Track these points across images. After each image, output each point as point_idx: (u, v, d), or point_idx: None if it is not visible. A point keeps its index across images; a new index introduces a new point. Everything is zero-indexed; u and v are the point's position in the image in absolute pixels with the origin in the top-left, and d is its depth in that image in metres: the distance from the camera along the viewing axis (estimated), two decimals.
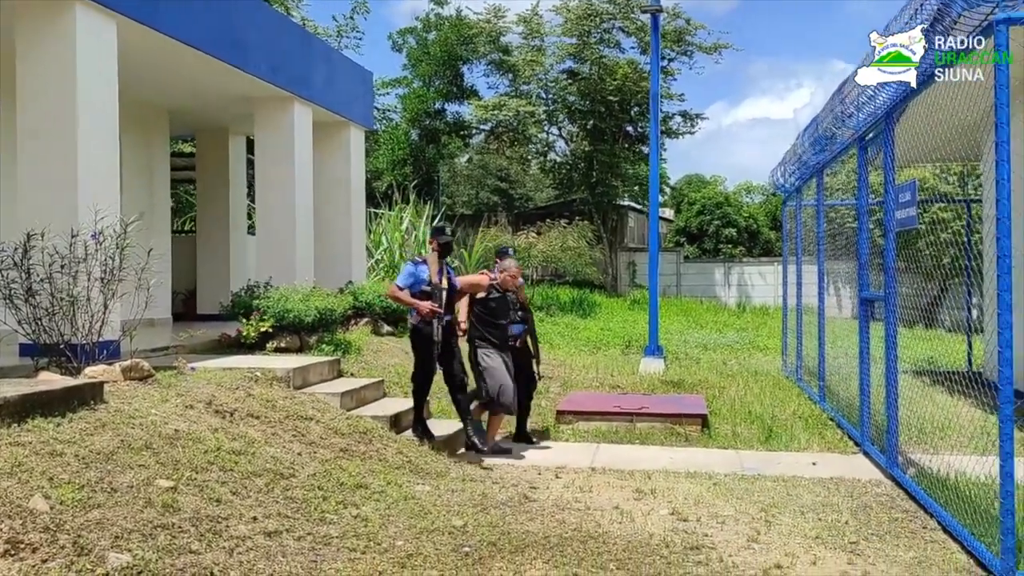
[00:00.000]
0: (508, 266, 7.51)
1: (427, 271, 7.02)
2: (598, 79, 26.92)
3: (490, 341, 7.32)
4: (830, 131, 8.43)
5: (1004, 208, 4.31)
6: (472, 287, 7.45)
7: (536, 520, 5.32)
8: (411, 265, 7.16)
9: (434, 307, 6.89)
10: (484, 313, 7.38)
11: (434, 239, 7.21)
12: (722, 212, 29.63)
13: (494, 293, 7.40)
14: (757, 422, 8.49)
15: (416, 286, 7.02)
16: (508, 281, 7.46)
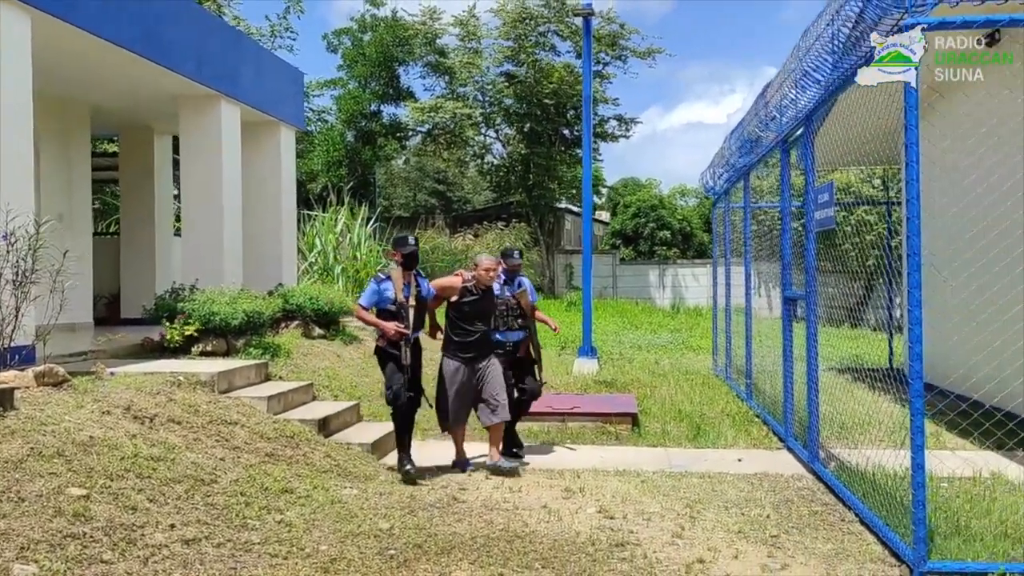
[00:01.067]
0: (480, 260, 6.82)
1: (391, 288, 6.49)
2: (534, 82, 27.07)
3: (455, 350, 6.75)
4: (755, 134, 8.62)
5: (913, 208, 4.45)
6: (444, 290, 6.82)
7: (464, 521, 5.30)
8: (374, 282, 6.61)
9: (400, 328, 6.39)
10: (455, 318, 6.78)
11: (397, 251, 6.61)
12: (657, 215, 30.02)
13: (468, 295, 6.71)
14: (686, 420, 8.62)
15: (381, 304, 6.54)
16: (483, 277, 6.72)
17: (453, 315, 6.80)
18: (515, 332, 7.18)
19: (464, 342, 6.73)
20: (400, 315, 6.44)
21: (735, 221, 11.38)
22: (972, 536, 4.78)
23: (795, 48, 6.63)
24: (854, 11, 5.20)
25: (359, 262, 17.83)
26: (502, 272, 7.15)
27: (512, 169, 29.01)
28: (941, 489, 5.75)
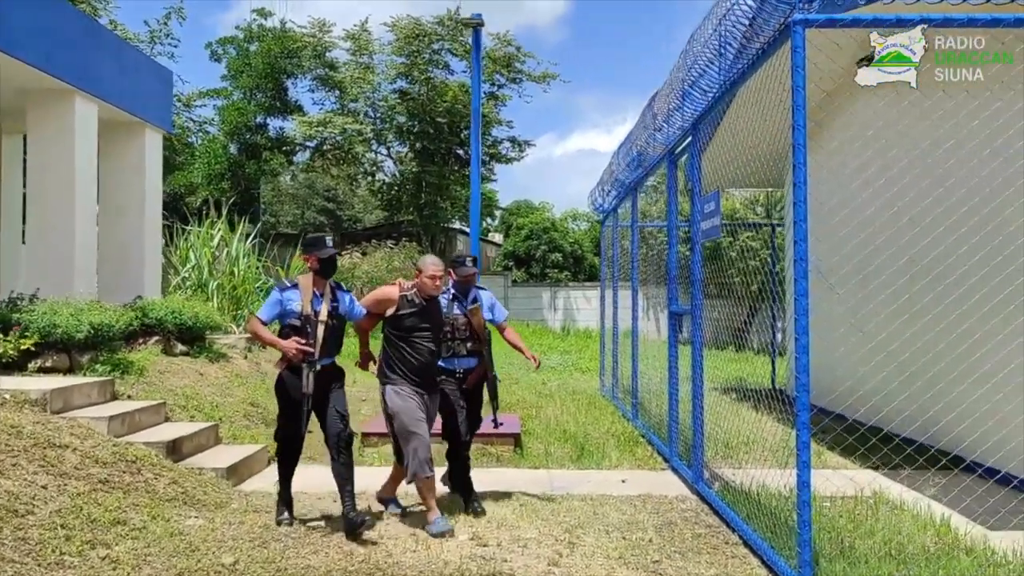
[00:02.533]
0: (425, 264, 5.51)
1: (298, 298, 5.25)
2: (428, 100, 26.68)
3: (403, 375, 5.45)
4: (642, 148, 8.46)
5: (800, 211, 4.24)
6: (379, 304, 5.57)
7: (321, 553, 4.76)
8: (277, 291, 5.31)
9: (301, 346, 5.14)
10: (395, 337, 5.50)
11: (311, 254, 5.32)
12: (549, 237, 30.02)
13: (407, 307, 5.47)
14: (571, 441, 8.29)
15: (285, 318, 5.28)
16: (426, 286, 5.46)
17: (392, 334, 5.51)
18: (464, 359, 5.86)
19: (413, 365, 5.44)
20: (306, 331, 5.19)
21: (624, 244, 11.22)
22: (857, 558, 4.58)
23: (682, 53, 6.46)
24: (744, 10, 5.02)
25: (236, 278, 16.93)
26: (451, 284, 5.91)
27: (403, 187, 28.46)
28: (824, 509, 5.58)
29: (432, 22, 26.30)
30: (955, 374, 6.69)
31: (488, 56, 27.18)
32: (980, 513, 5.47)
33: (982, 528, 5.20)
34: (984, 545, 4.81)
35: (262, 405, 8.65)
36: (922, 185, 7.25)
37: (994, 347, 6.31)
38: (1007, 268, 6.11)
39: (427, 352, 5.49)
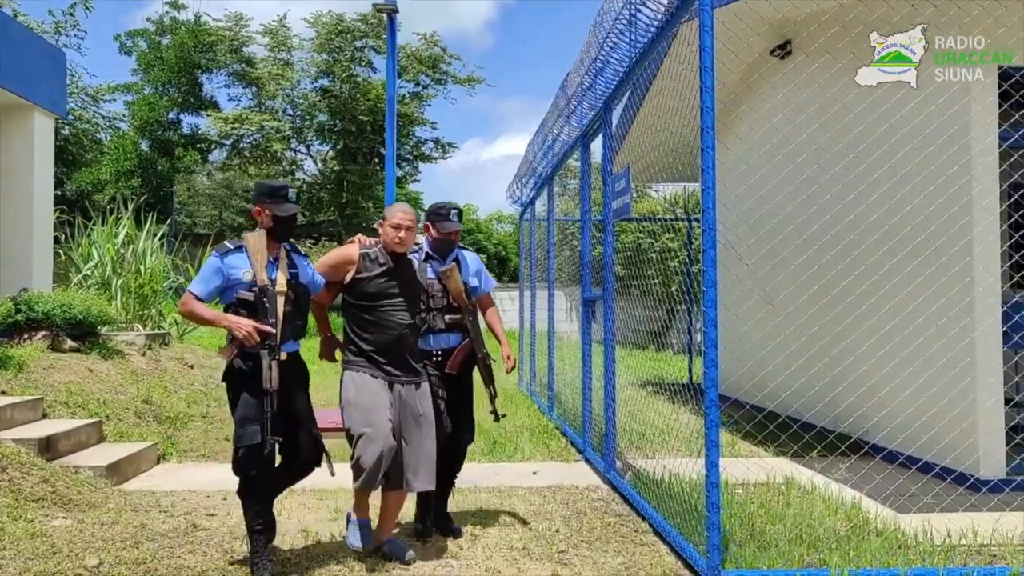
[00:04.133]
0: (392, 212, 4.31)
1: (246, 263, 3.99)
2: (350, 98, 26.19)
3: (364, 356, 4.25)
4: (556, 131, 8.27)
5: (709, 198, 4.03)
6: (335, 268, 4.32)
7: (199, 553, 4.38)
8: (216, 256, 4.01)
9: (259, 326, 3.88)
10: (356, 305, 4.28)
11: (263, 206, 4.08)
12: (474, 239, 29.80)
13: (371, 268, 4.25)
14: (484, 435, 7.99)
15: (230, 292, 4.00)
16: (388, 237, 4.26)
17: (353, 304, 4.30)
18: (441, 335, 4.55)
19: (381, 342, 4.22)
20: (261, 306, 3.94)
21: (542, 240, 11.02)
22: (767, 542, 4.42)
23: (592, 27, 6.27)
24: None
25: (143, 276, 16.20)
26: (427, 241, 4.63)
27: (324, 187, 27.84)
28: (736, 495, 5.42)
29: (355, 19, 25.83)
30: (854, 360, 6.66)
31: (414, 56, 26.86)
32: (888, 495, 5.40)
33: (891, 510, 5.12)
34: (894, 527, 4.71)
35: (156, 403, 8.13)
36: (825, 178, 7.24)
37: (893, 331, 6.30)
38: (902, 251, 6.10)
39: (399, 326, 4.22)
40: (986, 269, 5.74)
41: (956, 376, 5.80)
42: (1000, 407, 5.73)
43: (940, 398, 5.88)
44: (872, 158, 6.59)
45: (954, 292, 5.85)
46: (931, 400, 5.96)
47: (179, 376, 9.52)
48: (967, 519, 4.78)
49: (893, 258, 6.33)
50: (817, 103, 7.34)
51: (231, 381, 4.04)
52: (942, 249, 5.89)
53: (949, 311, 5.87)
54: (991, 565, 4.09)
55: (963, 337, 5.78)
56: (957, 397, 5.79)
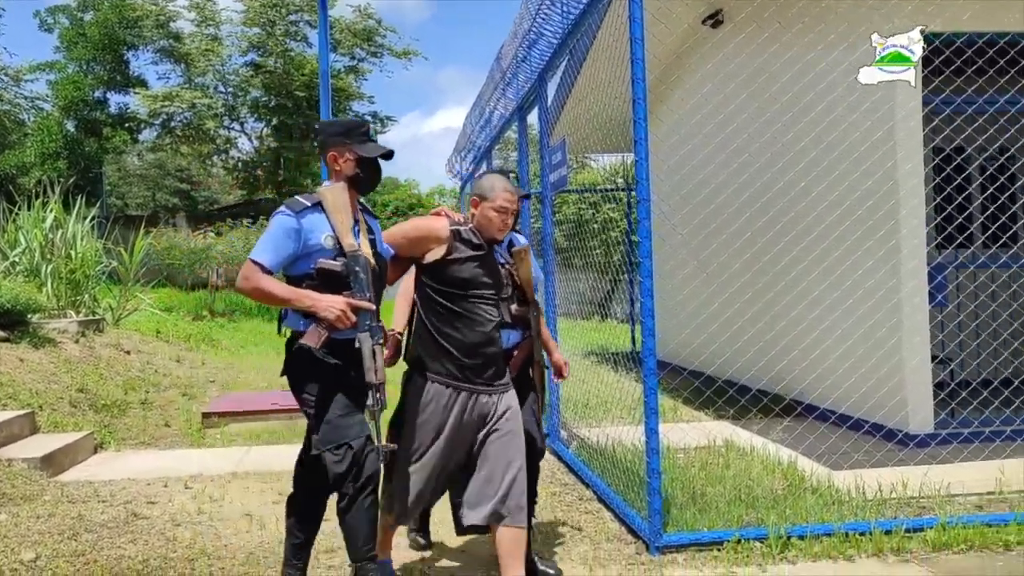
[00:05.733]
0: (494, 189, 3.41)
1: (326, 226, 3.10)
2: (285, 74, 25.66)
3: (444, 360, 3.33)
4: (493, 104, 8.23)
5: (643, 189, 4.06)
6: (416, 242, 3.38)
7: (139, 542, 4.31)
8: (288, 215, 3.05)
9: (354, 302, 3.03)
10: (439, 294, 3.35)
11: (343, 146, 3.19)
12: (415, 214, 29.63)
13: (462, 249, 3.36)
14: None
15: (305, 262, 3.09)
16: (492, 222, 3.41)
17: (434, 291, 3.37)
18: (508, 330, 3.65)
19: (467, 341, 3.34)
20: (352, 278, 3.07)
21: None
22: (707, 504, 4.53)
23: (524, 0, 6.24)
24: None
25: (74, 261, 15.74)
26: None
27: (261, 165, 27.32)
28: (677, 459, 5.54)
29: None
30: (787, 324, 6.84)
31: (348, 29, 26.41)
32: (822, 453, 5.57)
33: (826, 468, 5.28)
34: (828, 484, 4.87)
35: (92, 391, 7.94)
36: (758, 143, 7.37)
37: (823, 295, 6.46)
38: (830, 217, 6.25)
39: (489, 321, 3.37)
40: (911, 232, 5.91)
41: (884, 336, 5.99)
42: (926, 365, 5.94)
43: (869, 358, 6.07)
44: (799, 126, 6.71)
45: (881, 255, 6.02)
46: (861, 360, 6.15)
47: (115, 363, 9.30)
48: (897, 473, 4.97)
49: (821, 224, 6.49)
50: (745, 73, 7.44)
51: (309, 372, 3.09)
52: (868, 214, 6.05)
53: (876, 274, 6.05)
54: (919, 516, 4.26)
55: (890, 298, 5.96)
56: (885, 356, 5.98)
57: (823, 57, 6.27)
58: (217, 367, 10.97)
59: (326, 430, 3.05)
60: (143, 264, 17.24)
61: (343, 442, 3.02)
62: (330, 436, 3.04)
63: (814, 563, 3.81)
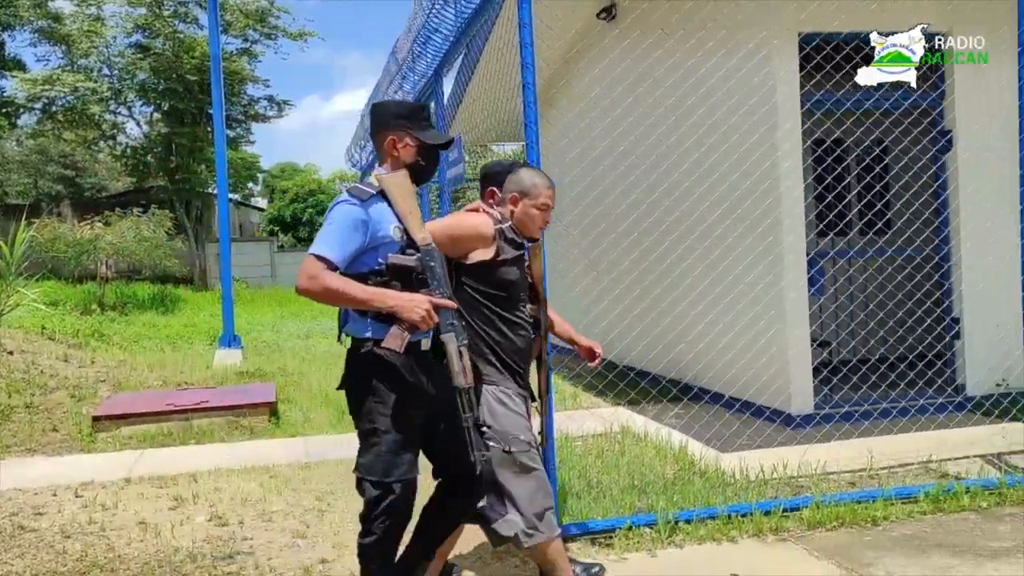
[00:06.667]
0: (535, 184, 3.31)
1: (390, 214, 2.87)
2: (174, 56, 24.72)
3: (500, 364, 3.26)
4: (390, 96, 8.19)
5: (532, 153, 4.18)
6: (457, 243, 3.20)
7: (27, 556, 4.18)
8: (354, 204, 2.80)
9: (436, 301, 2.80)
10: (485, 295, 3.24)
11: (403, 130, 2.96)
12: (316, 200, 29.14)
13: (507, 250, 3.26)
14: (332, 405, 7.98)
15: (371, 256, 2.84)
16: (533, 220, 3.32)
17: (479, 294, 3.24)
18: None
19: (515, 346, 3.29)
20: (427, 274, 2.84)
21: None
22: (603, 491, 4.70)
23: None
24: None
25: None
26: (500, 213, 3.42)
27: (151, 151, 26.30)
28: (575, 447, 5.71)
29: None
30: (681, 311, 7.11)
31: (240, 10, 25.64)
32: (711, 436, 5.84)
33: (715, 451, 5.54)
34: (716, 467, 5.11)
35: None
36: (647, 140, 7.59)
37: (713, 283, 6.75)
38: (720, 207, 6.53)
39: (527, 323, 3.34)
40: (791, 227, 6.22)
41: (767, 323, 6.30)
42: (807, 348, 6.28)
43: (756, 342, 6.38)
44: (682, 130, 6.94)
45: (762, 249, 6.32)
46: (748, 344, 6.46)
47: None
48: (779, 453, 5.26)
49: (704, 223, 6.79)
50: (632, 77, 7.64)
51: (375, 388, 2.83)
52: (750, 211, 6.34)
53: (758, 266, 6.35)
54: (797, 496, 4.54)
55: (772, 288, 6.27)
56: (769, 342, 6.29)
57: (703, 62, 6.51)
58: (108, 365, 10.58)
59: (375, 459, 2.83)
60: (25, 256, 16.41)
61: (389, 480, 2.82)
62: (377, 467, 2.83)
63: (700, 545, 4.02)
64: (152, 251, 20.22)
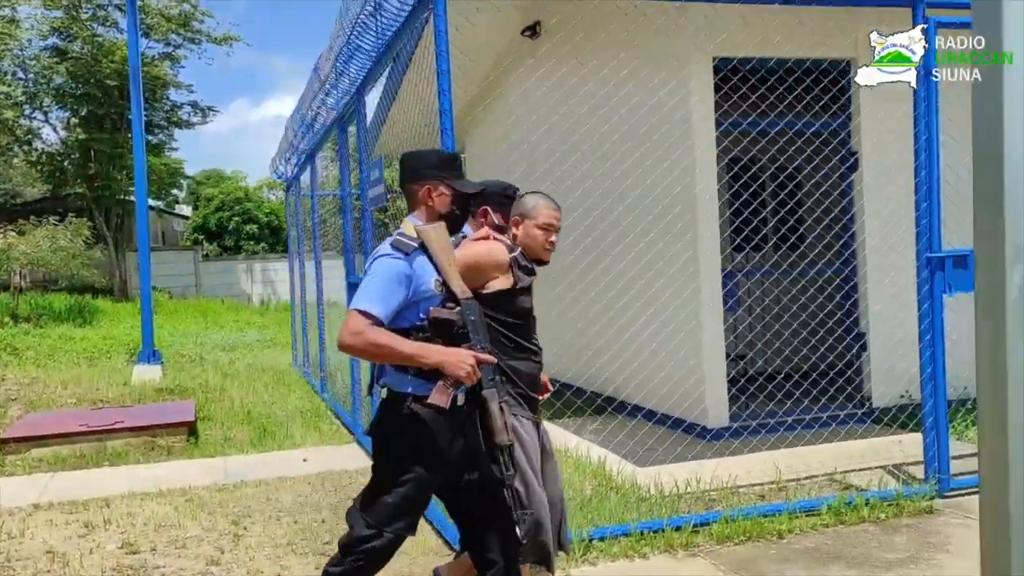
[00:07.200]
0: (537, 206, 3.30)
1: (431, 268, 2.85)
2: (93, 60, 23.97)
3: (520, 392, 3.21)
4: (314, 114, 8.15)
5: None
6: (480, 273, 3.12)
7: None
8: (397, 258, 2.77)
9: (479, 355, 2.77)
10: (503, 324, 3.16)
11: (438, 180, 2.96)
12: (243, 208, 28.62)
13: (522, 277, 3.21)
14: (253, 423, 7.88)
15: (412, 311, 2.81)
16: (537, 241, 3.27)
17: (499, 324, 3.14)
18: None
19: (530, 374, 3.27)
20: (468, 327, 2.82)
21: (306, 209, 10.86)
22: None
23: (340, 14, 6.23)
24: None
25: None
26: None
27: (69, 157, 25.45)
28: None
29: None
30: (599, 331, 7.25)
31: (161, 14, 25.05)
32: (630, 450, 5.96)
33: (632, 465, 5.66)
34: (632, 482, 5.22)
35: None
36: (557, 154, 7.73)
37: (632, 300, 6.90)
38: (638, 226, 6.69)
39: (539, 350, 3.31)
40: (708, 247, 6.40)
41: (686, 335, 6.47)
42: (723, 362, 6.47)
43: (673, 356, 6.53)
44: (608, 144, 7.09)
45: (682, 261, 6.48)
46: (666, 358, 6.60)
47: None
48: (694, 467, 5.41)
49: (623, 241, 6.90)
50: (556, 94, 7.76)
51: (411, 443, 2.78)
52: (671, 223, 6.49)
53: (679, 278, 6.51)
54: (708, 511, 4.67)
55: (691, 300, 6.44)
56: (687, 355, 6.46)
57: (624, 84, 6.66)
58: (20, 382, 10.24)
59: (381, 505, 2.80)
60: None
61: (384, 528, 2.80)
62: (380, 512, 2.80)
63: (613, 563, 4.11)
64: (69, 261, 19.58)
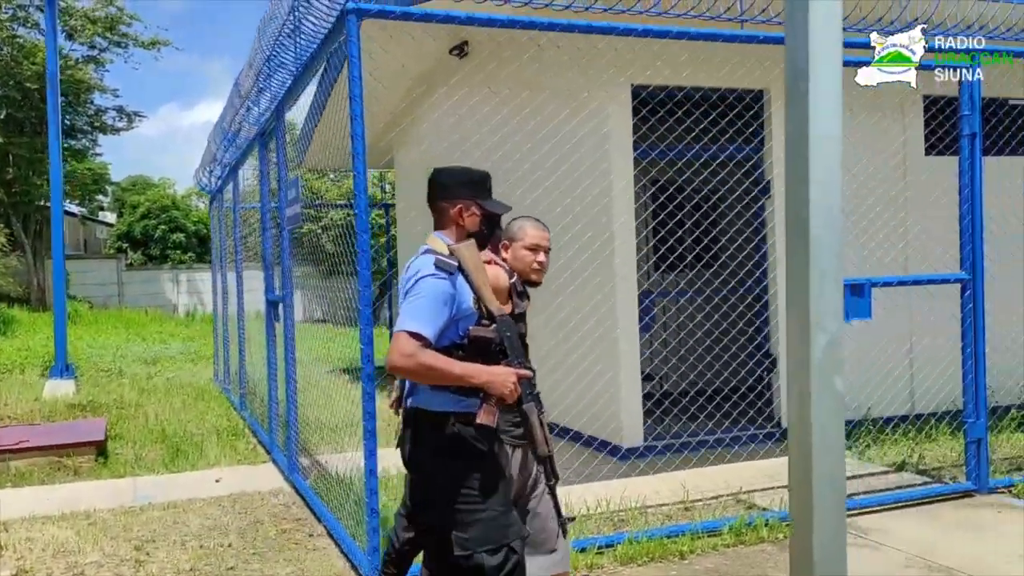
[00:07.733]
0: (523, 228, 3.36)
1: (468, 287, 2.83)
2: (13, 62, 23.24)
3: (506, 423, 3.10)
4: (235, 126, 8.06)
5: (361, 202, 4.24)
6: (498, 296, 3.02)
7: None
8: (442, 278, 2.74)
9: (519, 371, 2.78)
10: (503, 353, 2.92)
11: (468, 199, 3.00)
12: (169, 216, 27.99)
13: (520, 303, 3.24)
14: (167, 442, 7.71)
15: (452, 330, 2.79)
16: (529, 264, 3.32)
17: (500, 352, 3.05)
18: None
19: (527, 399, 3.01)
20: (505, 344, 2.84)
21: (229, 222, 10.70)
22: None
23: (258, 31, 6.19)
24: None
25: None
26: None
27: None
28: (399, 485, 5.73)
29: None
30: None
31: (86, 16, 24.44)
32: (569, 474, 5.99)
33: None
34: None
35: None
36: None
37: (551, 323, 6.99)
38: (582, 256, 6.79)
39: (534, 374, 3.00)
40: (624, 260, 6.53)
41: (601, 354, 6.57)
42: (638, 382, 6.60)
43: (588, 375, 6.62)
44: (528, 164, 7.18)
45: (598, 281, 6.59)
46: (580, 377, 6.69)
47: None
48: (605, 487, 5.48)
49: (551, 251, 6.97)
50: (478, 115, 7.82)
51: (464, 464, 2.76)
52: (587, 243, 6.59)
53: (595, 297, 6.61)
54: (612, 533, 4.73)
55: (607, 319, 6.55)
56: (601, 373, 6.56)
57: (544, 106, 6.77)
58: None
59: (485, 528, 2.72)
60: None
61: (505, 543, 2.73)
62: (492, 535, 2.72)
63: None
64: None
